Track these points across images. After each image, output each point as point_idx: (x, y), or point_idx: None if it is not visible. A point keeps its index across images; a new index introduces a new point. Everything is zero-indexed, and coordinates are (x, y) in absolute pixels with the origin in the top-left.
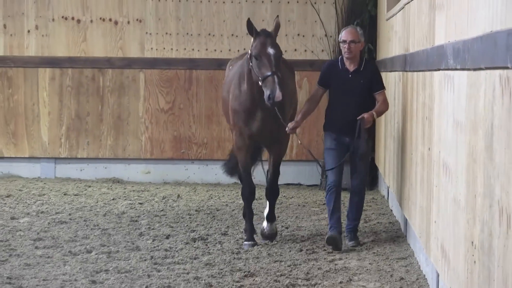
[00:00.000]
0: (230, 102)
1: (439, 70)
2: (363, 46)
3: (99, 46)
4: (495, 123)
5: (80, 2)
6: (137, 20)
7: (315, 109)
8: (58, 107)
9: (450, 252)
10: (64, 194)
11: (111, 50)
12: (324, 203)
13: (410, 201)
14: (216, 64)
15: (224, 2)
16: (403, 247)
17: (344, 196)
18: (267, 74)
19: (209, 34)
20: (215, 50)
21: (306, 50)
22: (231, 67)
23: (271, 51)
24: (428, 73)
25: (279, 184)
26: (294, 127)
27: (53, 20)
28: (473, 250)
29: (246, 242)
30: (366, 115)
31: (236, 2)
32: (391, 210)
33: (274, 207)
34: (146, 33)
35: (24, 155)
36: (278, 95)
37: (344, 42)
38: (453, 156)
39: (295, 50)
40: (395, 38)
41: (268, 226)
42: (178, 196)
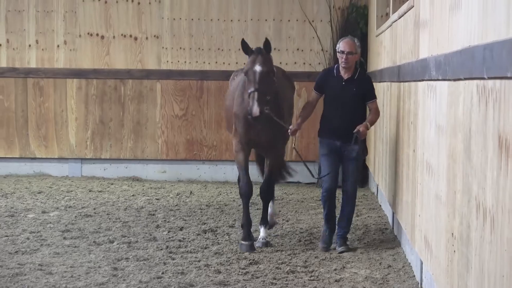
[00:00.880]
0: (233, 108)
1: (423, 80)
2: (359, 57)
3: (120, 59)
4: (472, 127)
5: (103, 20)
6: (154, 36)
7: (312, 113)
8: (84, 113)
9: (433, 243)
10: (89, 191)
11: (131, 62)
12: (319, 199)
13: (397, 197)
14: (225, 75)
15: (231, 20)
16: (390, 238)
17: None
18: (250, 90)
19: (218, 49)
20: (224, 63)
21: (304, 63)
22: (234, 77)
23: (257, 68)
24: (413, 83)
25: (309, 182)
26: (296, 130)
27: (80, 36)
28: (453, 240)
29: (243, 242)
30: (361, 128)
31: (242, 20)
32: (380, 205)
33: (268, 208)
34: (163, 47)
35: (54, 156)
36: (256, 110)
37: (341, 52)
38: (435, 157)
39: (295, 63)
40: (384, 52)
41: (262, 232)
42: (191, 192)
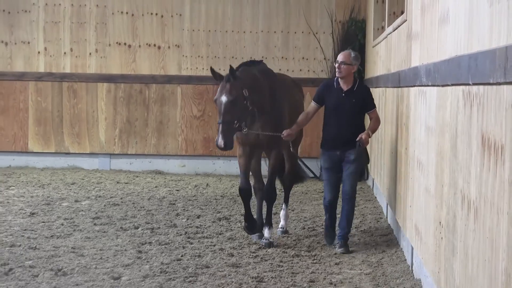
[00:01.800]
0: None
1: (414, 86)
2: (356, 69)
3: (145, 66)
4: (458, 128)
5: (130, 31)
6: (175, 45)
7: (307, 122)
8: (113, 113)
9: (422, 230)
10: (117, 183)
11: (155, 69)
12: (322, 191)
13: (390, 190)
14: None
15: (244, 32)
16: (384, 226)
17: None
18: (218, 122)
19: (232, 57)
20: None
21: (309, 70)
22: None
23: (222, 99)
24: (405, 88)
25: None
26: (289, 134)
27: (109, 45)
28: (440, 228)
29: (251, 234)
30: (363, 135)
31: (254, 32)
32: (375, 197)
33: (271, 213)
34: (183, 56)
35: (85, 151)
36: (220, 143)
37: (337, 62)
38: (425, 154)
39: (300, 70)
40: (380, 61)
41: (267, 233)
42: (207, 184)
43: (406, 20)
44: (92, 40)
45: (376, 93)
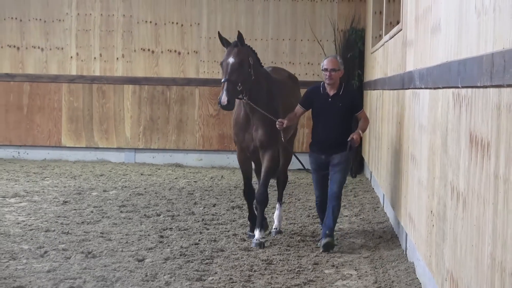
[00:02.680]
0: (233, 122)
1: (409, 88)
2: (343, 73)
3: (167, 70)
4: (449, 126)
5: (154, 38)
6: (194, 51)
7: (295, 121)
8: (137, 112)
9: (415, 218)
10: (141, 174)
11: (176, 72)
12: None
13: (387, 182)
14: None
15: (256, 39)
16: (381, 214)
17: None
18: (222, 81)
19: None
20: None
21: (313, 74)
22: None
23: (229, 60)
24: (401, 91)
25: (292, 169)
26: (283, 122)
27: (134, 51)
28: (432, 217)
29: (250, 233)
30: (355, 135)
31: (264, 39)
32: (373, 188)
33: (263, 215)
34: (200, 60)
35: (113, 146)
36: (224, 99)
37: (325, 70)
38: (418, 150)
39: (306, 73)
40: (377, 66)
41: (257, 233)
42: (222, 176)
43: (402, 29)
44: (119, 46)
45: (374, 95)
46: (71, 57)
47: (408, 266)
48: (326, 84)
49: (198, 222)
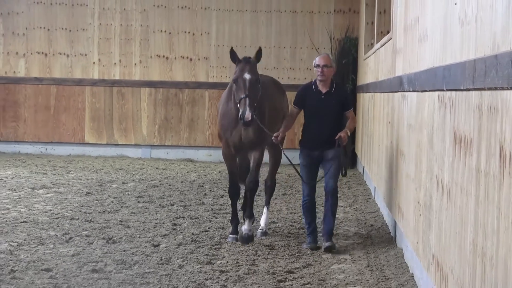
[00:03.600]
0: (219, 117)
1: (398, 91)
2: (335, 71)
3: (180, 74)
4: (434, 125)
5: (168, 46)
6: (204, 58)
7: (293, 125)
8: (153, 112)
9: (404, 208)
10: (156, 168)
11: (188, 76)
12: (322, 176)
13: (378, 175)
14: None
15: (265, 47)
16: (372, 205)
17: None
18: (241, 97)
19: None
20: None
21: (312, 78)
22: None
23: (246, 76)
24: (390, 93)
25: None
26: (279, 136)
27: (150, 57)
28: (419, 207)
29: (231, 236)
30: (342, 134)
31: (268, 47)
32: (365, 181)
33: (252, 203)
34: (210, 66)
35: (131, 143)
36: (248, 115)
37: (318, 66)
38: (406, 146)
39: (305, 78)
40: (369, 71)
41: (246, 224)
42: None
43: (392, 38)
44: (137, 53)
45: (366, 97)
46: (94, 62)
47: (397, 252)
48: (318, 81)
49: (208, 211)
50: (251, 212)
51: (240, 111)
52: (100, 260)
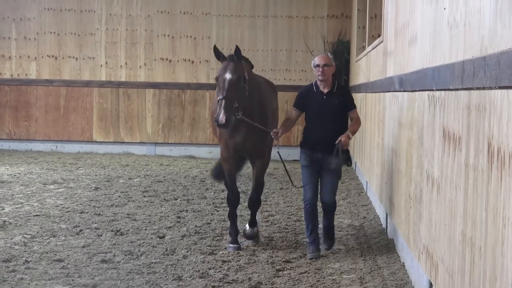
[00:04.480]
0: (211, 116)
1: (389, 91)
2: (335, 69)
3: (182, 76)
4: (424, 123)
5: (171, 49)
6: (205, 60)
7: (292, 127)
8: (157, 112)
9: (395, 201)
10: (160, 165)
11: (189, 78)
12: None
13: (369, 170)
14: None
15: (257, 50)
16: (365, 198)
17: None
18: (218, 98)
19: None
20: None
21: (306, 80)
22: None
23: (227, 76)
24: (382, 93)
25: (289, 160)
26: (277, 132)
27: (155, 60)
28: (410, 200)
29: (231, 245)
30: (343, 138)
31: (265, 50)
32: (357, 176)
33: (256, 215)
34: (211, 68)
35: (136, 141)
36: (222, 118)
37: (318, 66)
38: (397, 143)
39: (300, 79)
40: (361, 73)
41: (249, 229)
42: None
43: (383, 41)
44: (141, 56)
45: (358, 97)
46: (101, 65)
47: (388, 242)
48: (318, 82)
49: (210, 205)
50: (254, 221)
51: (216, 112)
52: (109, 251)
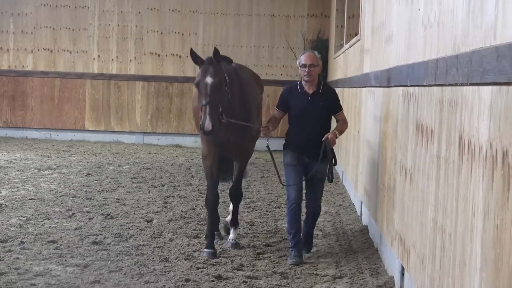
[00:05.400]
0: (193, 113)
1: (365, 87)
2: (321, 69)
3: (170, 70)
4: (399, 117)
5: (160, 45)
6: None
7: (277, 127)
8: (146, 103)
9: (369, 190)
10: (149, 153)
11: (177, 71)
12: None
13: (345, 161)
14: None
15: (241, 46)
16: (341, 187)
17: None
18: (202, 104)
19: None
20: None
21: (287, 75)
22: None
23: (208, 81)
24: (358, 89)
25: (273, 150)
26: (267, 127)
27: (144, 54)
28: (384, 189)
29: (206, 250)
30: (330, 135)
31: (248, 47)
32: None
33: (237, 212)
34: None
35: (126, 130)
36: (208, 125)
37: (304, 66)
38: (373, 136)
39: (281, 74)
40: (339, 69)
41: (232, 231)
42: None
43: (360, 39)
44: (132, 51)
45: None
46: (94, 58)
47: (363, 228)
48: (304, 82)
49: (195, 191)
50: (236, 221)
51: (201, 119)
52: (99, 233)
